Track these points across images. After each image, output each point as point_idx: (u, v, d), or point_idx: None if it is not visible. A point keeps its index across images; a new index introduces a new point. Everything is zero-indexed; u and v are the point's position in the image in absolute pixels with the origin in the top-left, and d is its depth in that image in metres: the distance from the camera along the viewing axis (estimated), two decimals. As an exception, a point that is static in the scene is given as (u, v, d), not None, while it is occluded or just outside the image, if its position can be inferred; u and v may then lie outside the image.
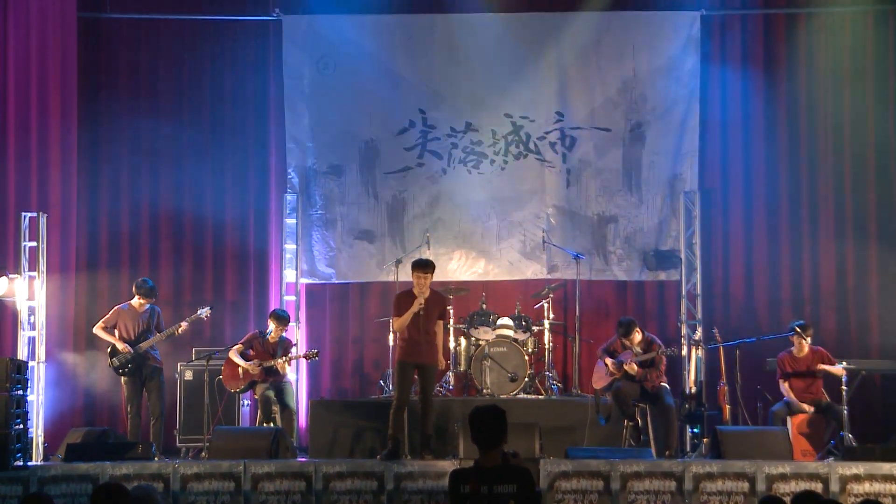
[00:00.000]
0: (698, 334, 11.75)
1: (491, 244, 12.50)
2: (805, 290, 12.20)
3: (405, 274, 12.02)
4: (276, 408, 10.41)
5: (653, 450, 9.82)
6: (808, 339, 10.45)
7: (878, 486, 8.68)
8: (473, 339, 11.45)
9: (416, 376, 9.79)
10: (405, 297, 9.78)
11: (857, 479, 8.71)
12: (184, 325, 10.61)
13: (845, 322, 12.08)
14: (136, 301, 10.63)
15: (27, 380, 9.71)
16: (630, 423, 10.29)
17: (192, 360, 11.37)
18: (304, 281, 12.44)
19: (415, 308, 9.56)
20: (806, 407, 10.30)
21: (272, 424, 10.31)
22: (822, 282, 12.23)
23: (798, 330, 10.46)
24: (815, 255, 12.28)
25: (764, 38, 12.51)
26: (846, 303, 12.14)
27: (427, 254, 12.30)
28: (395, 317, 9.80)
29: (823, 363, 10.41)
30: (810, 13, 12.45)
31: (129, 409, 10.56)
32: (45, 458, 10.60)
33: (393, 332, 10.87)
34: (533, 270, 12.45)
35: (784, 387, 10.51)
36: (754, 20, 12.55)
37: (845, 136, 12.36)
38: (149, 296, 10.62)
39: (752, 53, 12.49)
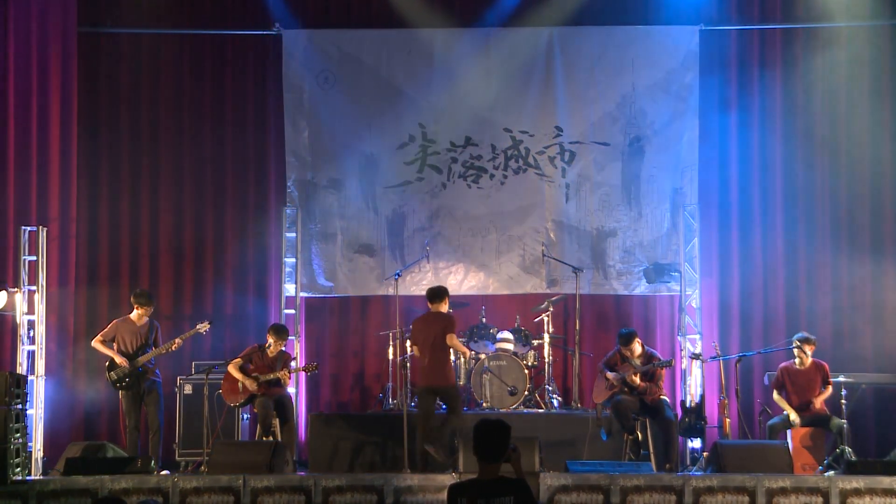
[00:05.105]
0: (698, 348, 11.77)
1: (490, 258, 12.51)
2: (802, 304, 12.19)
3: (405, 288, 12.13)
4: (275, 421, 10.40)
5: (653, 463, 9.81)
6: (810, 352, 10.45)
7: (878, 500, 8.68)
8: (473, 352, 11.45)
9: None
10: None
11: (857, 492, 8.71)
12: (178, 341, 10.60)
13: (841, 335, 12.07)
14: (134, 314, 10.63)
15: (26, 394, 9.71)
16: (630, 437, 10.28)
17: (191, 374, 11.37)
18: (303, 294, 12.44)
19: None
20: (793, 417, 10.27)
21: (271, 438, 10.30)
22: (819, 296, 12.21)
23: (798, 343, 10.47)
24: (812, 269, 12.28)
25: (762, 53, 12.56)
26: (842, 316, 12.14)
27: (427, 267, 12.37)
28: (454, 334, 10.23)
29: (823, 378, 10.43)
30: (808, 28, 12.49)
31: (127, 422, 10.55)
32: (45, 473, 10.62)
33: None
34: (532, 284, 12.46)
35: (775, 396, 10.53)
36: (752, 35, 12.59)
37: (842, 151, 12.39)
38: (147, 304, 10.61)
39: (750, 68, 12.53)
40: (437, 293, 10.27)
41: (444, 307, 10.28)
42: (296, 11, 12.56)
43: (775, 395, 10.55)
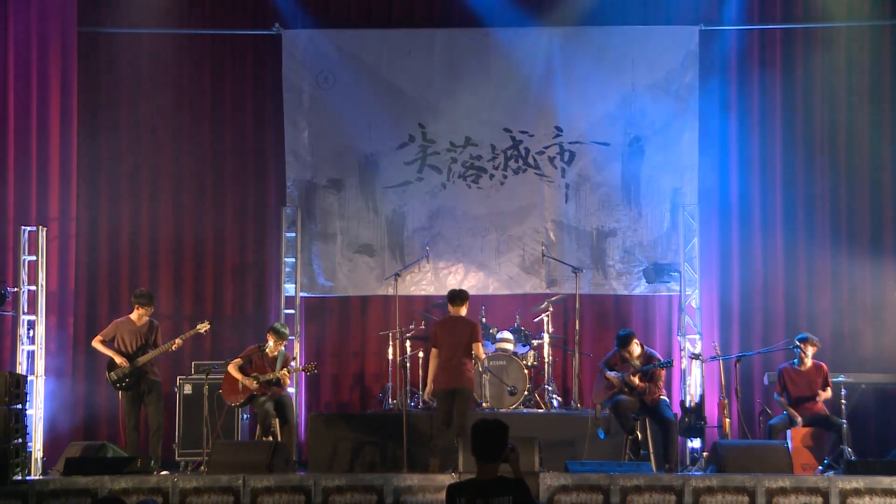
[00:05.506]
0: (698, 348, 11.76)
1: (490, 258, 12.51)
2: (802, 304, 12.19)
3: (404, 288, 12.13)
4: (275, 421, 10.40)
5: (652, 463, 9.81)
6: (810, 353, 10.46)
7: (878, 500, 8.68)
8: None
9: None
10: None
11: (857, 493, 8.71)
12: (178, 341, 10.58)
13: (841, 335, 12.07)
14: (135, 314, 10.62)
15: (26, 394, 9.72)
16: (630, 437, 10.27)
17: (191, 374, 11.38)
18: (303, 294, 12.43)
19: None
20: (797, 419, 10.29)
21: (271, 438, 10.30)
22: (819, 296, 12.21)
23: (799, 343, 10.48)
24: (812, 269, 12.28)
25: (762, 54, 12.55)
26: (842, 316, 12.13)
27: (427, 267, 12.37)
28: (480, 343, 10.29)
29: (824, 380, 10.45)
30: (808, 29, 12.49)
31: (127, 422, 10.55)
32: (44, 473, 10.62)
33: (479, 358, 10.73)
34: (532, 285, 12.46)
35: (780, 398, 10.53)
36: (752, 35, 12.59)
37: (841, 151, 12.39)
38: (147, 304, 10.60)
39: (750, 68, 12.53)
40: (460, 295, 10.34)
41: (465, 310, 10.34)
42: (295, 11, 12.55)
43: (777, 398, 10.53)
